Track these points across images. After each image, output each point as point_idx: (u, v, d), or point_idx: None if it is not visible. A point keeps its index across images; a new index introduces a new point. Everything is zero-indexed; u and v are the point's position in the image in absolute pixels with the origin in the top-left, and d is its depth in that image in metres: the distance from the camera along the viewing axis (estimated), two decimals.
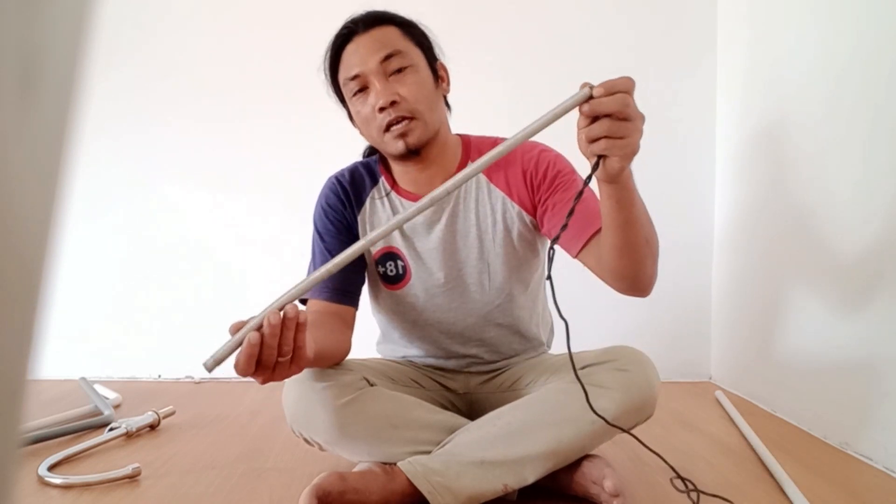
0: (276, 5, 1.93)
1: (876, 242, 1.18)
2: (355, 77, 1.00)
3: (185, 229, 1.95)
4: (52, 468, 1.10)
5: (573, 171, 1.05)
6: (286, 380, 1.03)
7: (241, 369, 0.75)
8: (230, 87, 1.93)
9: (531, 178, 1.05)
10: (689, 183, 1.91)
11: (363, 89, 1.01)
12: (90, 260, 1.93)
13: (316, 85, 1.90)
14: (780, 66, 1.55)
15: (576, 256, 0.98)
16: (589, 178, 0.77)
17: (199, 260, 1.94)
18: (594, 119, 0.72)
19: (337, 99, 1.10)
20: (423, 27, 1.08)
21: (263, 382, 0.80)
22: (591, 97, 0.71)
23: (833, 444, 1.28)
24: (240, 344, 0.75)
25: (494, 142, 1.11)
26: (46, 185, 0.19)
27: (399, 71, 1.00)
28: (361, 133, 1.08)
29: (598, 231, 0.94)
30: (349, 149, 1.33)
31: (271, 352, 0.75)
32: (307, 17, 1.92)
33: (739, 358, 1.75)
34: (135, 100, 1.94)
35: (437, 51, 1.09)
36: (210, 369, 0.74)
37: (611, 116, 0.71)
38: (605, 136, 0.72)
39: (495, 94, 1.82)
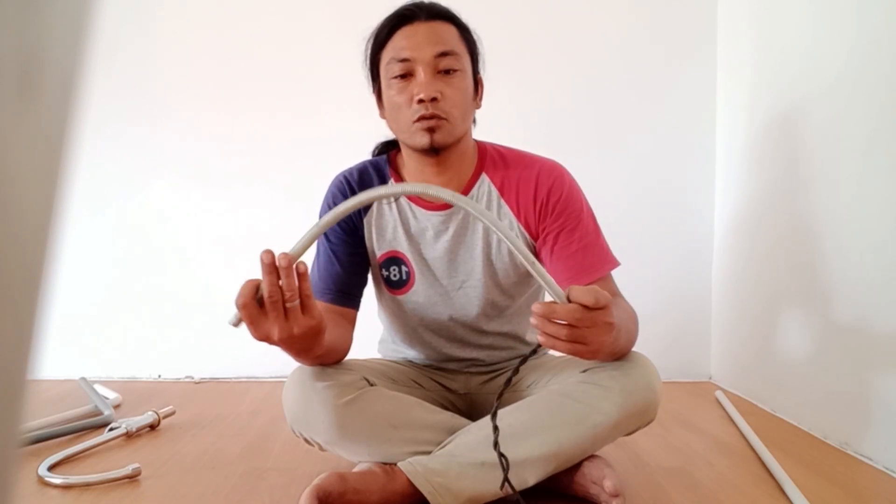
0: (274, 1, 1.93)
1: (877, 243, 1.18)
2: (404, 60, 0.99)
3: (186, 228, 1.95)
4: (52, 468, 1.10)
5: (582, 209, 1.05)
6: (286, 380, 1.04)
7: (241, 296, 0.78)
8: (229, 85, 1.93)
9: (541, 206, 1.05)
10: (689, 183, 1.91)
11: (406, 76, 0.99)
12: (90, 259, 1.93)
13: (316, 80, 1.92)
14: (780, 64, 1.55)
15: None
16: (520, 364, 0.85)
17: (200, 259, 1.94)
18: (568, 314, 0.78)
19: (369, 74, 1.08)
20: (476, 37, 1.07)
21: (280, 335, 0.80)
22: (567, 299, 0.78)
23: (833, 444, 1.28)
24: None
25: (509, 152, 1.11)
26: (46, 185, 0.19)
27: (448, 72, 0.99)
28: (386, 118, 1.07)
29: (593, 282, 1.00)
30: (350, 145, 1.33)
31: (274, 290, 0.76)
32: (306, 11, 1.92)
33: (739, 358, 1.75)
34: (133, 99, 1.93)
35: (480, 64, 1.09)
36: (235, 325, 0.80)
37: (570, 325, 0.77)
38: (568, 341, 0.78)
39: (495, 86, 1.82)
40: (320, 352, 0.92)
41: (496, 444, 0.83)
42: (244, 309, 0.78)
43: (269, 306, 0.78)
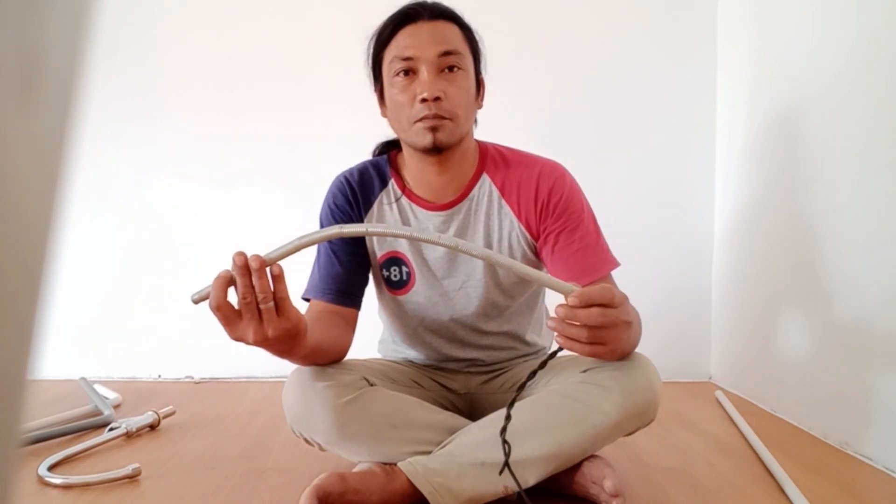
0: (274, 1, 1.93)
1: (877, 242, 1.18)
2: (407, 59, 0.99)
3: (186, 228, 1.95)
4: (52, 468, 1.10)
5: (583, 210, 1.05)
6: (286, 380, 1.04)
7: (214, 299, 0.77)
8: (229, 84, 1.93)
9: (542, 206, 1.05)
10: (689, 183, 1.91)
11: (409, 74, 0.99)
12: (90, 259, 1.93)
13: (318, 79, 1.92)
14: (780, 64, 1.55)
15: None
16: (545, 362, 0.86)
17: (200, 259, 1.94)
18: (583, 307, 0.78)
19: (371, 73, 1.08)
20: (478, 37, 1.07)
21: (255, 337, 0.79)
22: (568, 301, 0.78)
23: (833, 444, 1.28)
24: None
25: (510, 153, 1.11)
26: (46, 185, 0.19)
27: (451, 71, 0.99)
28: (387, 117, 1.06)
29: (594, 281, 0.99)
30: (351, 145, 1.33)
31: (247, 291, 0.76)
32: (306, 11, 1.92)
33: (739, 358, 1.75)
34: (133, 99, 1.93)
35: (482, 64, 1.09)
36: (195, 301, 0.79)
37: (588, 326, 0.77)
38: (588, 343, 0.78)
39: (495, 87, 1.82)
40: (304, 353, 0.91)
41: (503, 431, 0.83)
42: (219, 311, 0.78)
43: (242, 307, 0.78)
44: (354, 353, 1.09)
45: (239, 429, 1.40)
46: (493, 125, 1.26)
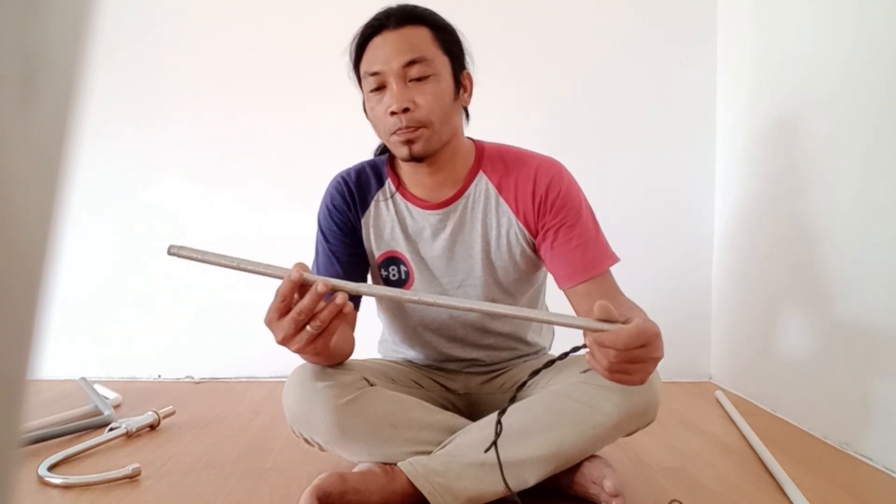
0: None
1: (877, 243, 1.18)
2: (375, 74, 0.98)
3: (186, 228, 1.95)
4: (52, 468, 1.10)
5: (581, 206, 1.05)
6: (286, 380, 1.04)
7: (281, 294, 0.78)
8: (230, 82, 1.93)
9: (540, 202, 1.04)
10: (689, 183, 1.91)
11: (380, 88, 0.99)
12: (90, 259, 1.93)
13: (318, 79, 1.92)
14: (780, 64, 1.55)
15: (561, 289, 1.04)
16: (564, 355, 0.84)
17: None
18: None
19: (357, 83, 1.08)
20: (458, 33, 1.05)
21: (280, 341, 0.81)
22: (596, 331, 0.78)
23: (833, 444, 1.28)
24: (222, 263, 0.77)
25: (507, 151, 1.11)
26: (47, 185, 0.19)
27: (420, 79, 0.98)
28: (372, 126, 1.07)
29: (593, 277, 0.99)
30: (351, 144, 1.33)
31: (305, 311, 0.78)
32: (307, 10, 1.92)
33: (739, 358, 1.75)
34: (133, 99, 1.93)
35: (466, 59, 1.07)
36: (169, 251, 0.76)
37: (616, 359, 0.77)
38: (616, 371, 0.78)
39: (496, 87, 1.82)
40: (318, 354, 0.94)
41: (494, 444, 0.84)
42: (283, 302, 0.79)
43: (290, 317, 0.79)
44: (354, 353, 1.09)
45: (239, 429, 1.40)
46: (493, 124, 1.26)
